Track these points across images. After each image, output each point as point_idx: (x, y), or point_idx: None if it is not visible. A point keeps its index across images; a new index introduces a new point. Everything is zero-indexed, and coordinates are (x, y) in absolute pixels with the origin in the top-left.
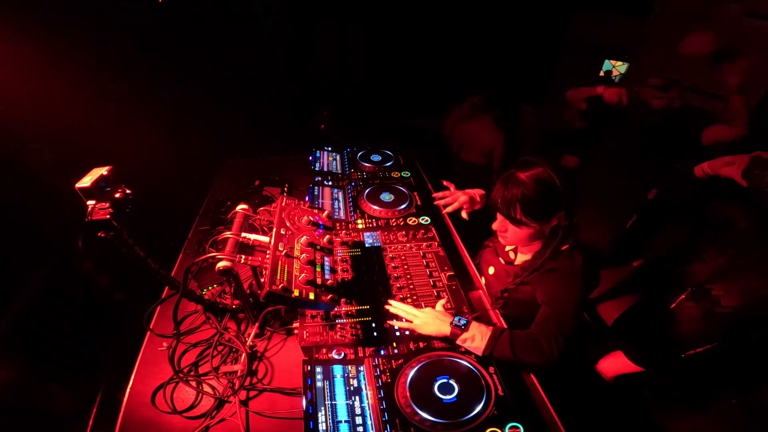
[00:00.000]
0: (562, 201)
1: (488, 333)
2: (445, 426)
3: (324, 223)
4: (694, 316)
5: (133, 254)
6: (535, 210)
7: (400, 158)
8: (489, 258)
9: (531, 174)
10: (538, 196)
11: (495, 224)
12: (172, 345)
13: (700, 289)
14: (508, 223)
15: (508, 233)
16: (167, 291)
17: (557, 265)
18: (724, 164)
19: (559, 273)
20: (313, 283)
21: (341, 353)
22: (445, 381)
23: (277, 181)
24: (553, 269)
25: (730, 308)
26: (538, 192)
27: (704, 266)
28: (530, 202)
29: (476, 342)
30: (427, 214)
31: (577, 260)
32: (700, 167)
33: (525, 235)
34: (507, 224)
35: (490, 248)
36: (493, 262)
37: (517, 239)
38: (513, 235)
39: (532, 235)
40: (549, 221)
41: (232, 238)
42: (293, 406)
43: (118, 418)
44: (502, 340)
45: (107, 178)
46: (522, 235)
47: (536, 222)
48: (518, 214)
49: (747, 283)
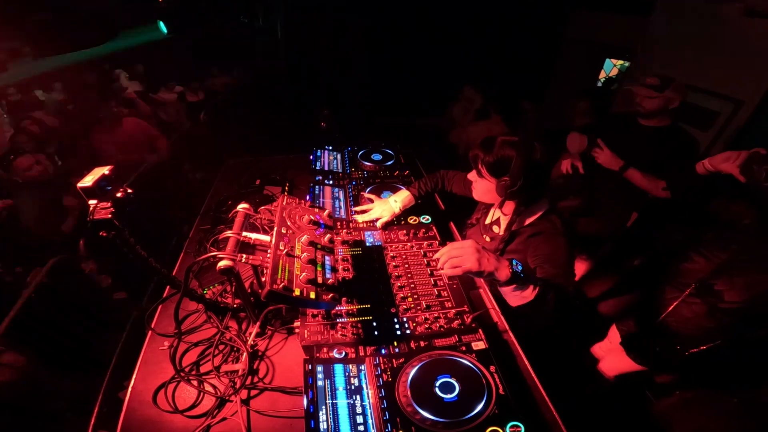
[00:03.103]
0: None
1: (536, 290)
2: (446, 425)
3: (325, 222)
4: (698, 312)
5: (134, 253)
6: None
7: (401, 157)
8: (476, 236)
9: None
10: (498, 154)
11: (470, 174)
12: (173, 344)
13: (703, 284)
14: (475, 175)
15: (476, 185)
16: (168, 290)
17: (540, 228)
18: (723, 160)
19: (544, 235)
20: (314, 282)
21: (342, 352)
22: (446, 380)
23: (278, 180)
24: (537, 233)
25: (733, 303)
26: (499, 150)
27: (707, 263)
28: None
29: (526, 292)
30: (428, 212)
31: (556, 221)
32: (701, 163)
33: (485, 188)
34: (475, 176)
35: (476, 227)
36: (480, 241)
37: (483, 191)
38: (480, 186)
39: (494, 189)
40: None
41: (233, 237)
42: (294, 405)
43: (120, 417)
44: (548, 298)
45: (109, 177)
46: (484, 188)
47: (493, 176)
48: (480, 165)
49: (750, 278)
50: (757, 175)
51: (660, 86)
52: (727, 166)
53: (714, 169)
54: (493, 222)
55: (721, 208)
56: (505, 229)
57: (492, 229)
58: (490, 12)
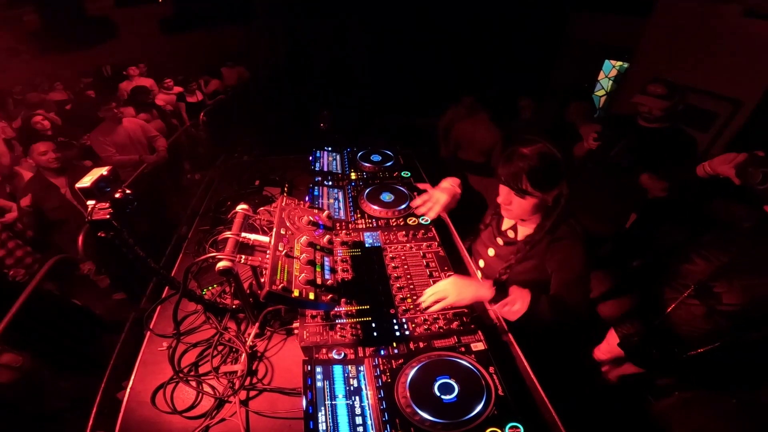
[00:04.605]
0: (562, 171)
1: (528, 297)
2: (445, 426)
3: (324, 223)
4: (696, 314)
5: (133, 254)
6: (540, 180)
7: (400, 158)
8: (488, 240)
9: (534, 148)
10: (542, 167)
11: (499, 198)
12: (172, 345)
13: (702, 286)
14: (512, 195)
15: (512, 205)
16: (167, 291)
17: (562, 234)
18: (722, 162)
19: (566, 241)
20: (313, 283)
21: (341, 353)
22: (446, 381)
23: (277, 181)
24: (559, 238)
25: (731, 306)
26: (542, 163)
27: (707, 265)
28: (536, 172)
29: (517, 306)
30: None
31: (576, 226)
32: (701, 166)
33: (529, 206)
34: (512, 197)
35: (488, 230)
36: (493, 244)
37: (521, 211)
38: (518, 206)
39: (535, 205)
40: (552, 191)
41: (232, 238)
42: (293, 406)
43: (119, 417)
44: (542, 303)
45: (107, 178)
46: (526, 206)
47: (540, 191)
48: (524, 184)
49: (749, 281)
50: (752, 178)
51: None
52: (724, 169)
53: (713, 172)
54: (509, 227)
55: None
56: (528, 242)
57: (507, 234)
58: (490, 12)
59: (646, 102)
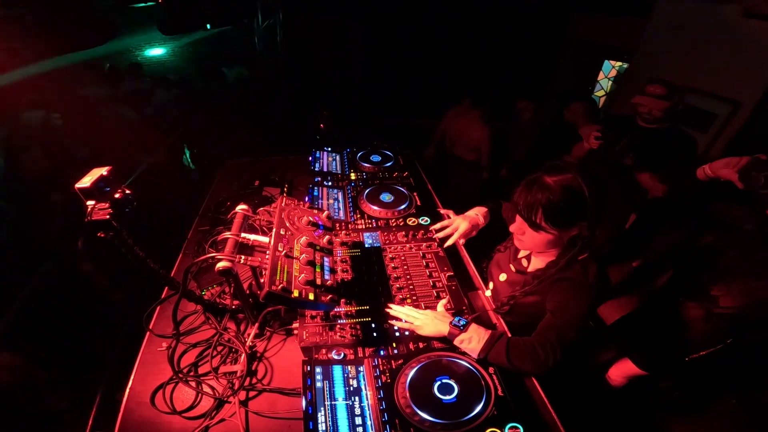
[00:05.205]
0: (586, 211)
1: (486, 336)
2: (444, 426)
3: (324, 223)
4: (695, 317)
5: (132, 254)
6: (556, 217)
7: (400, 158)
8: (502, 264)
9: (559, 179)
10: (562, 203)
11: (513, 226)
12: (171, 345)
13: (700, 288)
14: (526, 227)
15: (525, 237)
16: (167, 291)
17: (571, 274)
18: (723, 165)
19: (572, 283)
20: (312, 283)
21: (341, 353)
22: (445, 381)
23: (276, 182)
24: (567, 278)
25: (728, 309)
26: (563, 199)
27: (706, 266)
28: (553, 208)
29: (473, 344)
30: (427, 214)
31: (591, 271)
32: (701, 169)
33: (542, 241)
34: (525, 227)
35: (504, 254)
36: (506, 269)
37: (533, 244)
38: (530, 239)
39: (550, 241)
40: (569, 230)
41: (232, 239)
42: (293, 406)
43: (118, 418)
44: (498, 344)
45: (107, 178)
46: (539, 241)
47: (556, 229)
48: (539, 218)
49: (747, 284)
50: (755, 182)
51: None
52: (726, 172)
53: (714, 175)
54: (524, 256)
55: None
56: (537, 276)
57: (521, 262)
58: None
59: (646, 102)
